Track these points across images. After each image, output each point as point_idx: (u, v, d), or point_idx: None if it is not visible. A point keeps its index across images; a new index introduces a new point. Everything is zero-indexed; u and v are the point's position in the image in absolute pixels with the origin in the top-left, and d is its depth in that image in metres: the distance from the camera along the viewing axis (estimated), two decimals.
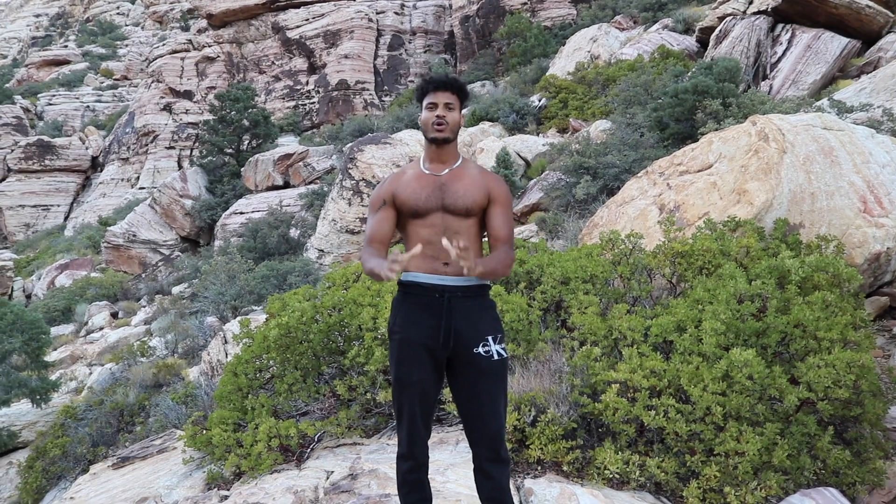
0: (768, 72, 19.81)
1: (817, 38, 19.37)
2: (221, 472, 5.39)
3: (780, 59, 19.71)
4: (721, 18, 22.17)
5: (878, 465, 4.55)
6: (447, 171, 3.18)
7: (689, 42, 25.04)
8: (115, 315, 25.55)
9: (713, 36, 21.85)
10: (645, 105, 18.93)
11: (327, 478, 4.68)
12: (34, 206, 49.61)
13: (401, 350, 3.14)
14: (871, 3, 19.40)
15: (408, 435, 3.20)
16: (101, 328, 23.99)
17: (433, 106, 3.13)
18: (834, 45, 19.13)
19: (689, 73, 18.90)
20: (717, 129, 12.11)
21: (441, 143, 3.15)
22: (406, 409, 3.17)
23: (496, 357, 3.11)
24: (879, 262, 6.74)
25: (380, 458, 4.81)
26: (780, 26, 20.43)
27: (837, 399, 4.42)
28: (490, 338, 3.11)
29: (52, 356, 19.44)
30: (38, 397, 15.07)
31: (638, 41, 27.25)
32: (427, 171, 3.18)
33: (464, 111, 3.26)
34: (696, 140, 11.22)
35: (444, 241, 2.87)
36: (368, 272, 3.05)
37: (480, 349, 3.09)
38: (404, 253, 3.04)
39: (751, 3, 21.61)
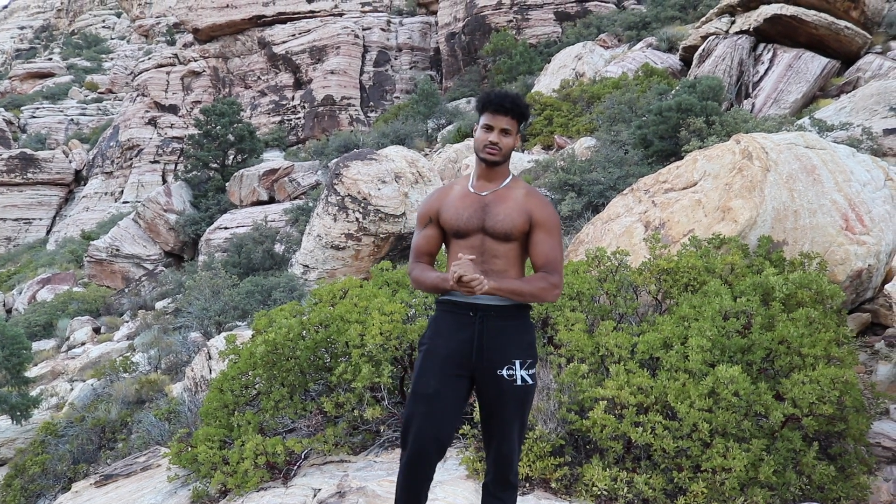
0: (751, 90, 20.08)
1: (798, 57, 19.68)
2: (207, 489, 5.34)
3: (762, 78, 19.99)
4: (704, 38, 22.45)
5: (862, 480, 4.59)
6: (492, 191, 3.13)
7: (673, 60, 25.34)
8: (97, 330, 25.31)
9: (696, 55, 22.12)
10: (629, 122, 19.10)
11: (314, 496, 4.65)
12: (16, 220, 49.19)
13: (424, 360, 3.11)
14: (849, 25, 19.76)
15: (413, 448, 3.12)
16: (83, 343, 23.74)
17: (489, 128, 3.07)
18: (814, 64, 19.44)
19: (672, 92, 19.11)
20: (700, 147, 12.25)
21: (491, 165, 3.13)
22: (415, 421, 3.07)
23: (520, 382, 3.05)
24: (861, 279, 6.83)
25: (367, 475, 4.79)
26: (761, 46, 20.74)
27: (822, 415, 4.46)
28: (517, 362, 3.05)
29: (32, 372, 19.22)
30: (18, 413, 14.89)
31: (622, 59, 27.52)
32: (473, 190, 3.15)
33: (449, 127, 3.25)
34: (680, 157, 11.33)
35: (462, 258, 2.87)
36: (432, 285, 3.05)
37: (504, 372, 3.04)
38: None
39: (733, 22, 21.92)
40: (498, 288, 2.93)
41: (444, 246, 3.28)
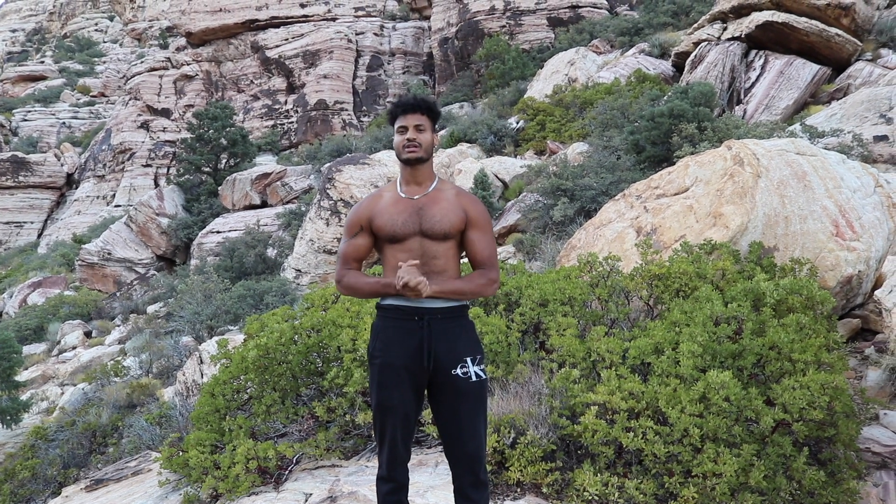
0: (742, 97, 20.17)
1: (789, 64, 19.79)
2: (198, 494, 5.32)
3: (753, 85, 20.09)
4: (696, 44, 22.56)
5: (852, 485, 4.60)
6: (424, 194, 3.20)
7: (665, 66, 25.43)
8: (88, 334, 25.21)
9: (688, 61, 22.21)
10: (622, 128, 19.17)
11: (306, 500, 4.65)
12: (7, 223, 49.00)
13: (381, 374, 3.15)
14: (840, 32, 19.88)
15: (388, 457, 3.22)
16: (74, 347, 23.65)
17: (403, 129, 3.15)
18: (805, 71, 19.55)
19: (665, 97, 19.18)
20: (692, 153, 12.30)
21: (415, 164, 3.17)
22: (388, 433, 3.18)
23: (474, 379, 3.14)
24: (851, 285, 6.86)
25: (359, 479, 4.78)
26: (753, 52, 20.85)
27: (812, 420, 4.48)
28: (468, 359, 3.14)
29: (23, 376, 19.13)
30: (7, 418, 14.83)
31: (615, 65, 27.62)
32: (404, 195, 3.19)
33: (442, 132, 3.29)
34: (672, 163, 11.37)
35: (403, 265, 2.94)
36: (372, 291, 3.11)
37: (459, 371, 3.12)
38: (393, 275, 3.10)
39: (725, 29, 22.03)
40: (441, 291, 3.02)
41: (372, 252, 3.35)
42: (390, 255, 3.16)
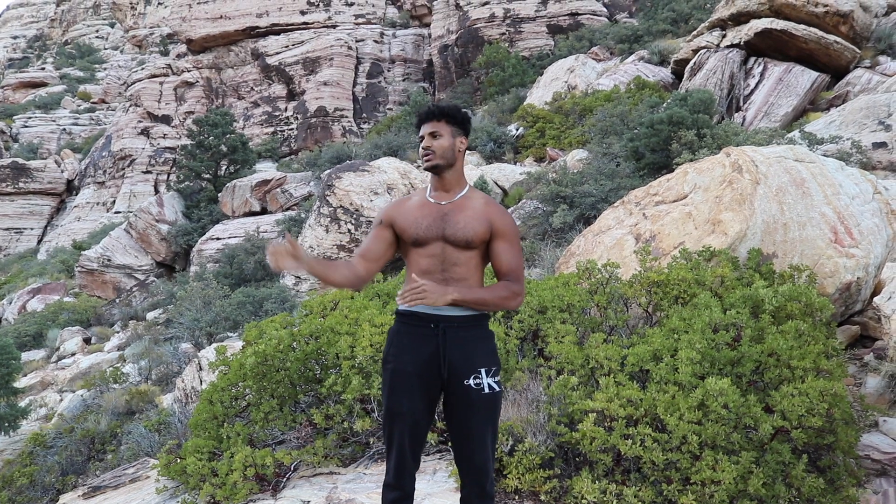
0: (741, 104, 20.20)
1: (788, 71, 19.83)
2: (196, 501, 5.30)
3: (752, 92, 20.13)
4: (695, 51, 22.61)
5: (851, 492, 4.59)
6: (451, 200, 3.18)
7: (665, 73, 25.48)
8: (87, 341, 25.18)
9: (688, 68, 22.25)
10: (621, 135, 19.19)
11: None
12: (6, 229, 49.03)
13: (393, 379, 3.12)
14: (838, 39, 19.93)
15: (396, 465, 3.17)
16: (74, 354, 23.61)
17: (421, 138, 3.17)
18: (804, 78, 19.60)
19: (664, 104, 19.22)
20: (691, 160, 12.30)
21: (435, 171, 3.16)
22: (396, 439, 3.14)
23: (487, 390, 3.08)
24: (850, 292, 6.86)
25: (357, 487, 4.77)
26: (752, 59, 20.90)
27: (811, 427, 4.46)
28: (483, 370, 3.09)
29: (21, 382, 19.09)
30: (6, 424, 14.79)
31: (614, 72, 27.67)
32: (432, 200, 3.19)
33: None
34: (672, 170, 11.37)
35: (413, 276, 2.92)
36: (319, 272, 3.14)
37: (471, 381, 3.07)
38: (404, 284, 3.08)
39: (724, 36, 22.08)
40: (462, 299, 2.97)
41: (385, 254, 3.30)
42: (413, 259, 3.15)
